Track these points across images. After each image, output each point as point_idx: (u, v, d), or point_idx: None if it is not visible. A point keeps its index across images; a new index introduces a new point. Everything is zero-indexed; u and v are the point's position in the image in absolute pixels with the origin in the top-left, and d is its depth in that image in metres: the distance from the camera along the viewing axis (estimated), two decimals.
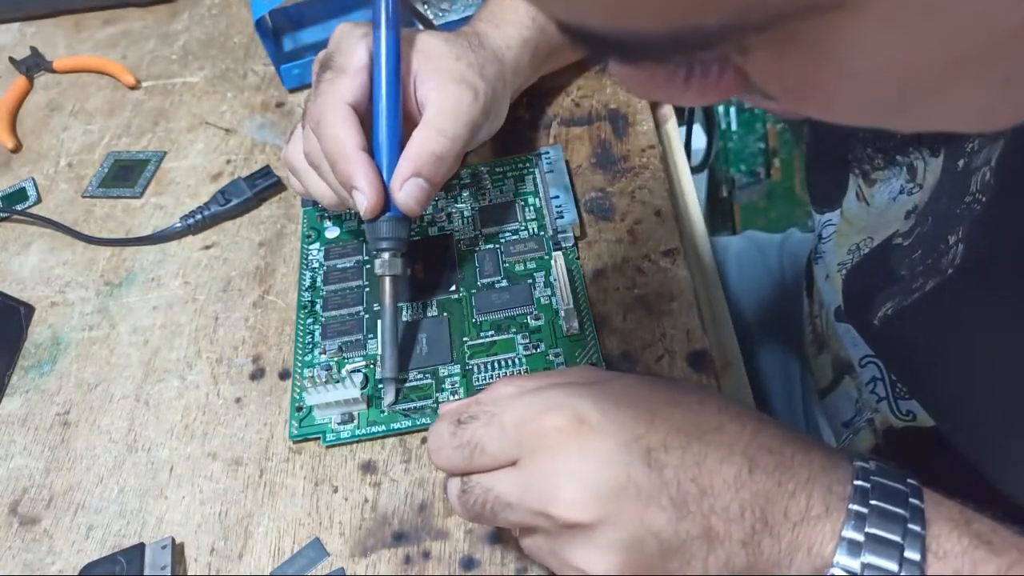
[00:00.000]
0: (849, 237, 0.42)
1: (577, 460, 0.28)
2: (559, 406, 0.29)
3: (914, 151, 0.36)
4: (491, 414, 0.30)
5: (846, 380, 0.46)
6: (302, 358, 0.43)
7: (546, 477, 0.28)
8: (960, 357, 0.33)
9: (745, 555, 0.28)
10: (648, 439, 0.28)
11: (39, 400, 0.44)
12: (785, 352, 0.58)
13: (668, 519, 0.27)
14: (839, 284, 0.42)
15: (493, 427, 0.30)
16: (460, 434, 0.30)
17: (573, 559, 0.28)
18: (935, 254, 0.33)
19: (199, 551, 0.38)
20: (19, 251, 0.52)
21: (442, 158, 0.40)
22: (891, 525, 0.27)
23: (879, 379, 0.41)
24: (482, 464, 0.30)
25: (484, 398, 0.32)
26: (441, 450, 0.31)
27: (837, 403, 0.48)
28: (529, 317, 0.43)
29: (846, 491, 0.28)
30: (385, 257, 0.41)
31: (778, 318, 0.60)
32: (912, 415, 0.39)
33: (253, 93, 0.59)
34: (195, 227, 0.50)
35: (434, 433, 0.31)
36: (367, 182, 0.39)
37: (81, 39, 0.67)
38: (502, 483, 0.29)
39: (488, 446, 0.30)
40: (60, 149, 0.58)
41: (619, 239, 0.46)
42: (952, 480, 0.31)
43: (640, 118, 0.52)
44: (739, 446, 0.28)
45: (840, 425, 0.47)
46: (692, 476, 0.28)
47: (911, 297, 0.34)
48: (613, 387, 0.30)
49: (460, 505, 0.31)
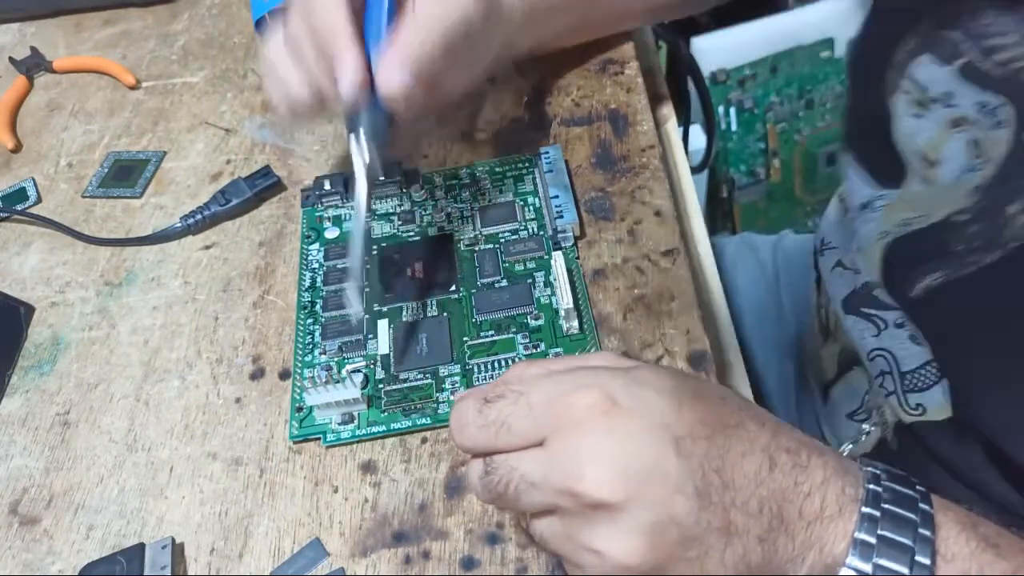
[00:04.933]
0: (900, 212, 0.41)
1: (606, 439, 0.28)
2: (589, 386, 0.29)
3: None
4: (519, 393, 0.29)
5: (854, 371, 0.46)
6: (302, 358, 0.43)
7: (574, 455, 0.28)
8: (1009, 333, 0.32)
9: (761, 551, 0.28)
10: (676, 427, 0.28)
11: (39, 400, 0.44)
12: (778, 352, 0.58)
13: (691, 508, 0.27)
14: (877, 254, 0.41)
15: (521, 406, 0.29)
16: (486, 413, 0.30)
17: (593, 540, 0.27)
18: (995, 227, 0.32)
19: (199, 551, 0.38)
20: (19, 251, 0.52)
21: (431, 52, 0.38)
22: (902, 529, 0.28)
23: (887, 373, 0.41)
24: (508, 443, 0.29)
25: (510, 378, 0.31)
26: (465, 428, 0.30)
27: (843, 394, 0.48)
28: (529, 317, 0.43)
29: (858, 494, 0.28)
30: (363, 141, 0.39)
31: (771, 319, 0.60)
32: (922, 409, 0.39)
33: (253, 93, 0.59)
34: (195, 227, 0.50)
35: (458, 412, 0.31)
36: (353, 61, 0.37)
37: (81, 39, 0.67)
38: (527, 462, 0.29)
39: (515, 425, 0.29)
40: (60, 149, 0.58)
41: (619, 239, 0.46)
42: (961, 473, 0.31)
43: (640, 118, 0.52)
44: (759, 443, 0.28)
45: (845, 416, 0.47)
46: (716, 467, 0.28)
47: (964, 271, 0.34)
48: (641, 373, 0.30)
49: (482, 487, 0.30)
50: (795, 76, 1.03)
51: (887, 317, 0.43)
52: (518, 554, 0.35)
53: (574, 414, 0.28)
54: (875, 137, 0.41)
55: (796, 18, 1.02)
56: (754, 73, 1.03)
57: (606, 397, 0.28)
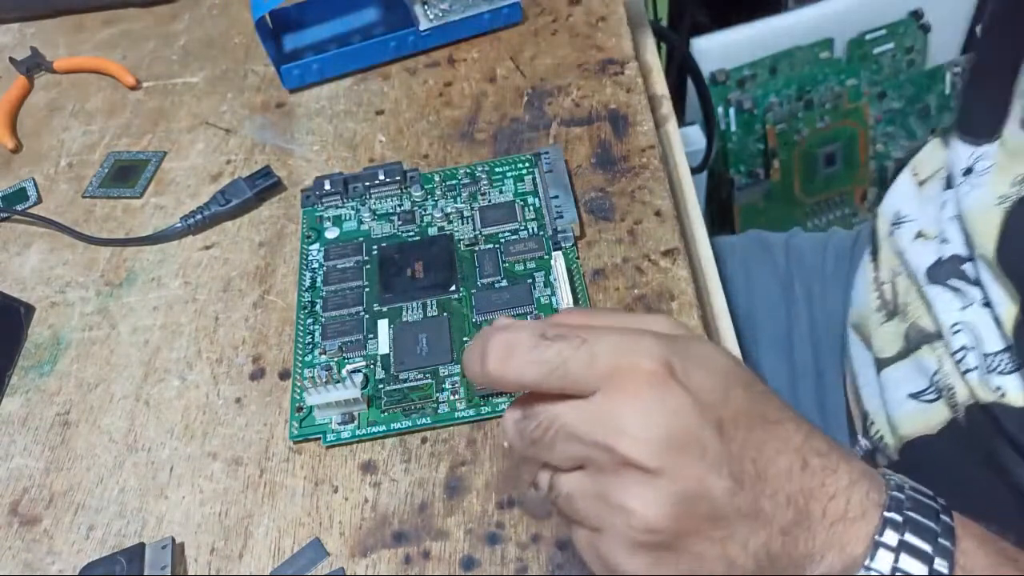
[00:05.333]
0: (1010, 169, 0.40)
1: (657, 405, 0.27)
2: (653, 353, 0.28)
3: None
4: (583, 340, 0.28)
5: (923, 350, 0.45)
6: (302, 358, 0.43)
7: (620, 414, 0.27)
8: None
9: (782, 543, 0.28)
10: (722, 411, 0.28)
11: (39, 400, 0.44)
12: (789, 350, 0.58)
13: (725, 489, 0.27)
14: (994, 221, 0.39)
15: (583, 352, 0.28)
16: (543, 349, 0.28)
17: (624, 498, 0.27)
18: None
19: (199, 551, 0.38)
20: (19, 251, 0.52)
21: None
22: (923, 536, 0.28)
23: (970, 349, 0.40)
24: (560, 386, 0.28)
25: (572, 320, 0.30)
26: (514, 357, 0.28)
27: (906, 374, 0.46)
28: (529, 317, 0.43)
29: (882, 499, 0.29)
30: None
31: (781, 315, 0.60)
32: (1002, 391, 0.39)
33: (253, 93, 0.59)
34: (195, 227, 0.51)
35: (505, 339, 0.29)
36: None
37: (81, 39, 0.67)
38: (572, 413, 0.28)
39: (573, 369, 0.28)
40: (60, 149, 0.58)
41: (619, 239, 0.46)
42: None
43: (640, 118, 0.52)
44: (794, 443, 0.29)
45: (908, 396, 0.46)
46: (753, 457, 0.28)
47: None
48: (701, 348, 0.30)
49: (516, 431, 0.30)
50: (794, 77, 1.03)
51: (974, 294, 0.42)
52: (518, 554, 0.36)
53: (634, 376, 0.28)
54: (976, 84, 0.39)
55: (795, 18, 1.02)
56: (753, 73, 1.03)
57: (666, 367, 0.28)
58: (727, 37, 1.01)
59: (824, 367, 0.57)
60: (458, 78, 0.57)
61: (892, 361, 0.47)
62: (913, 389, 0.46)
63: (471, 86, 0.56)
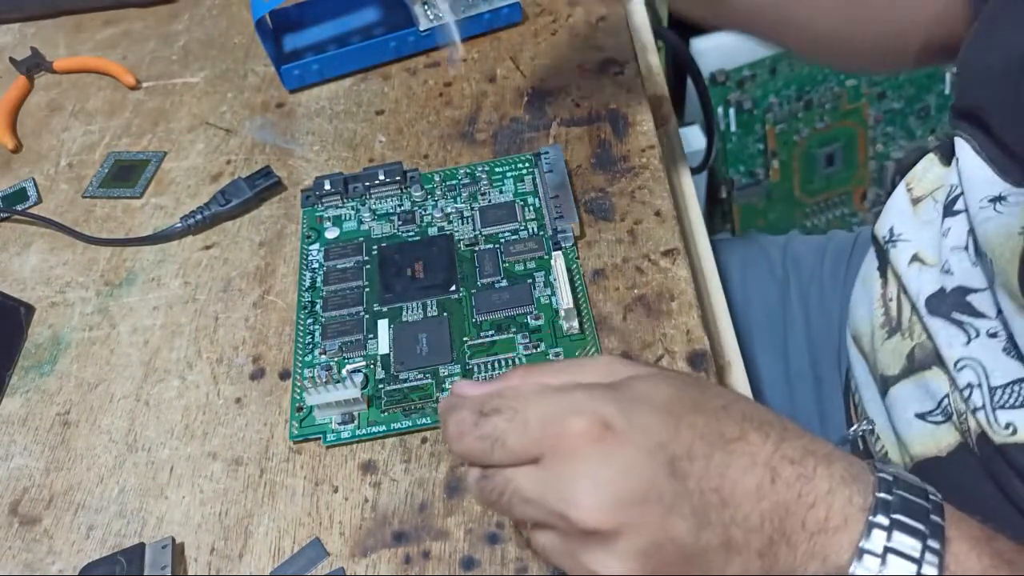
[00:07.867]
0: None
1: (599, 466, 0.28)
2: (583, 410, 0.29)
3: None
4: (514, 410, 0.30)
5: (933, 371, 0.43)
6: (302, 358, 0.43)
7: (567, 480, 0.28)
8: None
9: (761, 564, 0.28)
10: (672, 447, 0.28)
11: (39, 400, 0.44)
12: (786, 353, 0.58)
13: (689, 528, 0.27)
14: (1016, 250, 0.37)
15: (516, 423, 0.29)
16: (483, 425, 0.30)
17: (590, 563, 0.28)
18: None
19: (199, 551, 0.38)
20: (19, 251, 0.52)
21: None
22: (910, 540, 0.27)
23: (976, 386, 0.39)
24: (502, 459, 0.29)
25: (506, 391, 0.31)
26: (463, 438, 0.30)
27: (911, 393, 0.45)
28: (529, 317, 0.43)
29: (866, 503, 0.28)
30: None
31: (778, 318, 0.60)
32: (1012, 428, 0.38)
33: (253, 93, 0.59)
34: (195, 227, 0.51)
35: (455, 420, 0.31)
36: None
37: (81, 39, 0.67)
38: (522, 478, 0.29)
39: (509, 442, 0.29)
40: (60, 149, 0.58)
41: (619, 239, 0.46)
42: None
43: (640, 118, 0.52)
44: (762, 456, 0.28)
45: (915, 416, 0.45)
46: (715, 486, 0.28)
47: None
48: (638, 388, 0.30)
49: (478, 491, 0.31)
50: (794, 77, 1.03)
51: (979, 326, 0.41)
52: (518, 554, 0.36)
53: (569, 439, 0.28)
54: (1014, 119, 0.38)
55: None
56: (753, 74, 1.03)
57: (599, 423, 0.28)
58: (727, 37, 1.01)
59: (822, 372, 0.57)
60: (458, 78, 0.57)
61: (898, 380, 0.46)
62: (920, 409, 0.45)
63: (471, 86, 0.56)
